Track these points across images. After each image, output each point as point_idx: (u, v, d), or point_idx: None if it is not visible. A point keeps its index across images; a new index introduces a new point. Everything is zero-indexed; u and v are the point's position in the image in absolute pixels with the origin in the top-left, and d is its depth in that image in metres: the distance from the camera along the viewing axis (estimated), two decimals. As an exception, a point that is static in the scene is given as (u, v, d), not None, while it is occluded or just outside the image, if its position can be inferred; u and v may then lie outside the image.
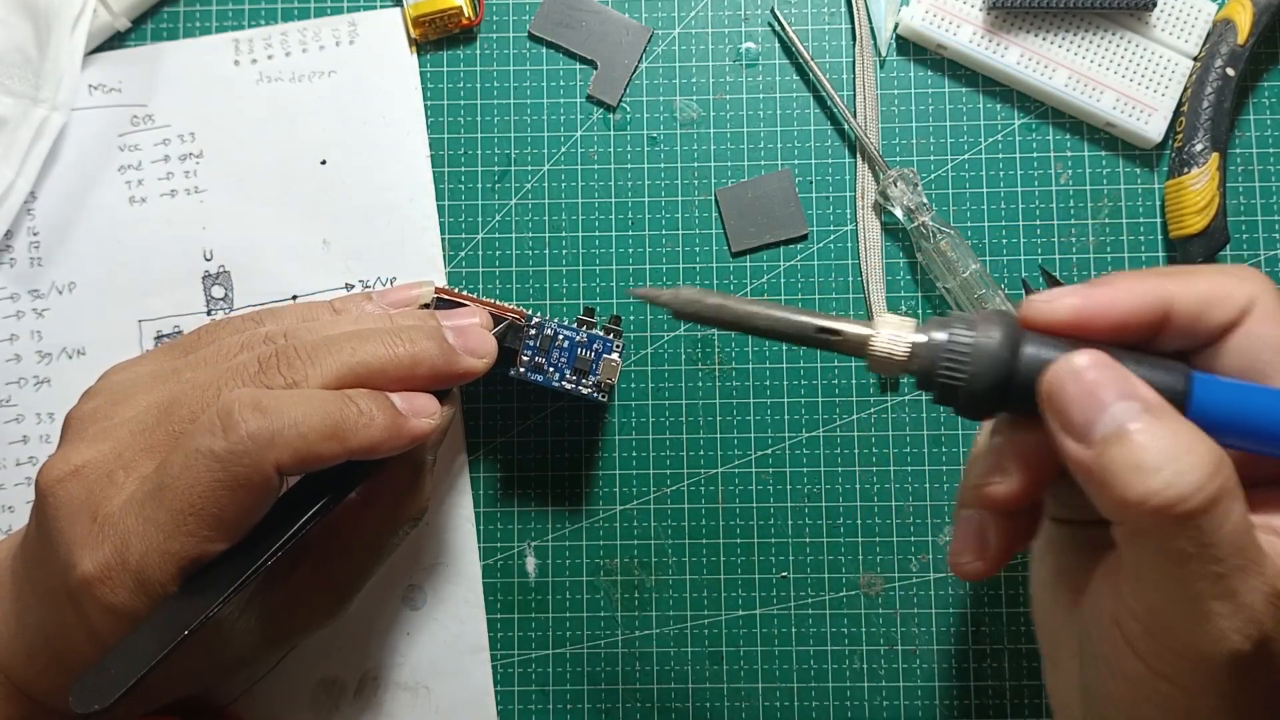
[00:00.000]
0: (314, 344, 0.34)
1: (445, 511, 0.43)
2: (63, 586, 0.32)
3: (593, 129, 0.44)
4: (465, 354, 0.36)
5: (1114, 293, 0.28)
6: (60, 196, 0.44)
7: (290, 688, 0.42)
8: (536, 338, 0.39)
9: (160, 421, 0.33)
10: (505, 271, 0.44)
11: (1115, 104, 0.43)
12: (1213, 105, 0.42)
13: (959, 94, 0.45)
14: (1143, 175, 0.44)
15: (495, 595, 0.43)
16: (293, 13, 0.45)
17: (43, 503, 0.33)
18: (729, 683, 0.43)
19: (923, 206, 0.42)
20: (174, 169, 0.44)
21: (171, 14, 0.45)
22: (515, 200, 0.44)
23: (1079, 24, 0.43)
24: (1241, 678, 0.25)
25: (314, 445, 0.31)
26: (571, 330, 0.39)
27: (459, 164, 0.44)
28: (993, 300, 0.42)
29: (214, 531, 0.31)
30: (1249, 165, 0.44)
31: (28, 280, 0.43)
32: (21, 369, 0.43)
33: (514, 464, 0.43)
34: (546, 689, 0.43)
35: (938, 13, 0.43)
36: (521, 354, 0.38)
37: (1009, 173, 0.44)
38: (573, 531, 0.43)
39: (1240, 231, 0.44)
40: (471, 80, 0.45)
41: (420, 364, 0.34)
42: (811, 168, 0.44)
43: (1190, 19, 0.43)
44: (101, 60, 0.44)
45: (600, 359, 0.39)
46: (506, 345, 0.38)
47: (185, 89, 0.44)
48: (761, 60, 0.45)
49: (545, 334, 0.38)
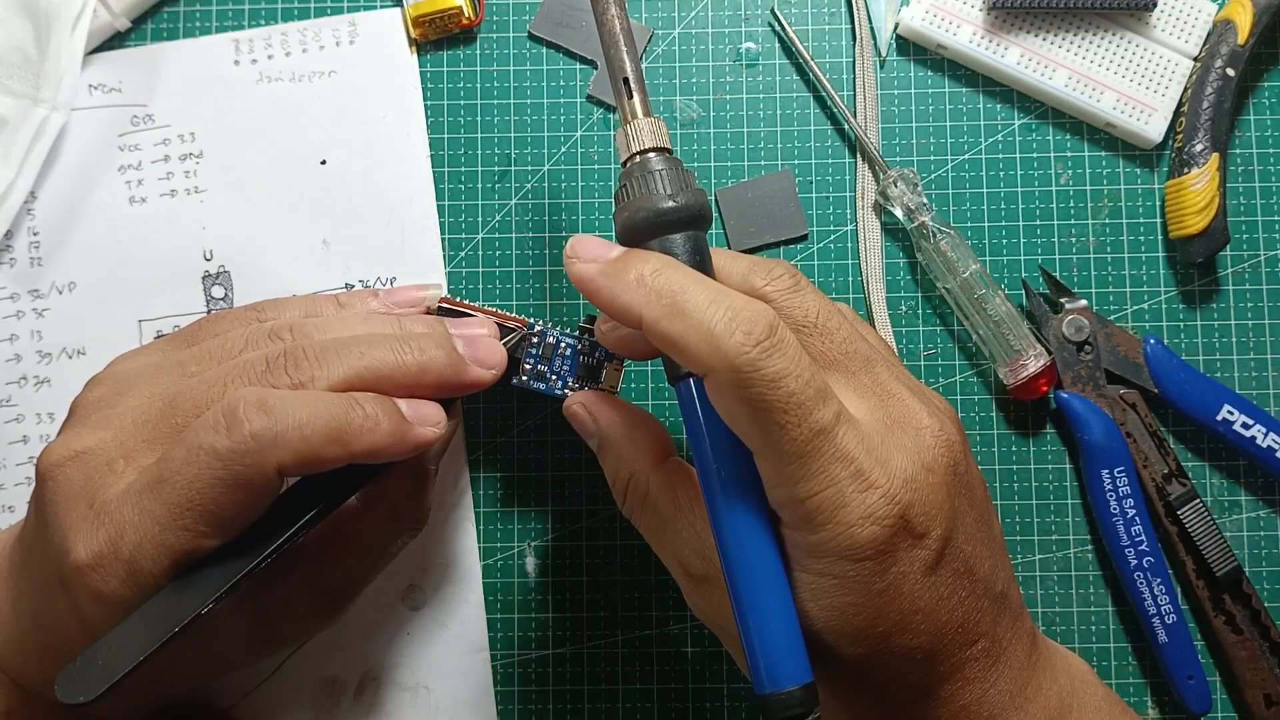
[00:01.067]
0: (322, 345, 0.34)
1: (445, 511, 0.43)
2: (56, 573, 0.32)
3: (593, 129, 0.44)
4: (474, 364, 0.36)
5: (610, 289, 0.31)
6: (60, 196, 0.44)
7: (290, 688, 0.42)
8: (539, 346, 0.38)
9: (164, 414, 0.33)
10: (505, 271, 0.44)
11: (1115, 104, 0.43)
12: (1213, 105, 0.42)
13: (959, 94, 0.45)
14: (1143, 175, 0.44)
15: (495, 595, 0.43)
16: (293, 13, 0.45)
17: (42, 486, 0.33)
18: (729, 683, 0.43)
19: (923, 206, 0.42)
20: (174, 169, 0.44)
21: (171, 14, 0.45)
22: (515, 200, 0.44)
23: (1079, 24, 0.43)
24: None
25: (317, 448, 0.31)
26: (573, 338, 0.38)
27: (459, 164, 0.44)
28: (993, 300, 0.42)
29: (210, 528, 0.31)
30: (1249, 165, 0.44)
31: (28, 280, 0.43)
32: (21, 369, 0.43)
33: (514, 464, 0.43)
34: (546, 689, 0.43)
35: (938, 13, 0.43)
36: (524, 362, 0.38)
37: (1009, 173, 0.44)
38: (573, 531, 0.43)
39: (1240, 231, 0.44)
40: (471, 80, 0.45)
41: (428, 372, 0.34)
42: (811, 168, 0.44)
43: (1190, 19, 0.43)
44: (101, 60, 0.44)
45: (603, 366, 0.39)
46: (510, 354, 0.38)
47: (185, 89, 0.44)
48: (761, 60, 0.45)
49: (548, 342, 0.38)
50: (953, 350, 0.44)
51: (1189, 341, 0.44)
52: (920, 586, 0.30)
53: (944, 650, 0.31)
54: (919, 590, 0.30)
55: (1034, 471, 0.43)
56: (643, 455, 0.34)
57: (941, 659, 0.31)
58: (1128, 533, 0.41)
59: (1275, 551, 0.43)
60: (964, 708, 0.31)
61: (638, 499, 0.34)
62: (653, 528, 0.34)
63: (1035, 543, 0.43)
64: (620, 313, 0.31)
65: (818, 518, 0.29)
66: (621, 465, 0.35)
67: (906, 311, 0.44)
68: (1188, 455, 0.43)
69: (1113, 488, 0.41)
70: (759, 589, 0.29)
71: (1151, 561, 0.41)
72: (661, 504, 0.33)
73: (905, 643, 0.30)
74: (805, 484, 0.28)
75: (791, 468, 0.28)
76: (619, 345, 0.35)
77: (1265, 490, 0.43)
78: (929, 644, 0.30)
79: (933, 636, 0.30)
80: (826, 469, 0.28)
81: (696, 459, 0.31)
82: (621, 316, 0.31)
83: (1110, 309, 0.44)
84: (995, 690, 0.32)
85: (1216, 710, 0.42)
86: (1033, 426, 0.43)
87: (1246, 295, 0.44)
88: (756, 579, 0.29)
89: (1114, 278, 0.44)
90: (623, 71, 0.33)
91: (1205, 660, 0.42)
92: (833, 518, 0.28)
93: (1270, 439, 0.42)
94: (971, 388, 0.44)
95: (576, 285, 0.32)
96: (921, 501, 0.29)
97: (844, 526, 0.28)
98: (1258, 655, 0.41)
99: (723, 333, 0.28)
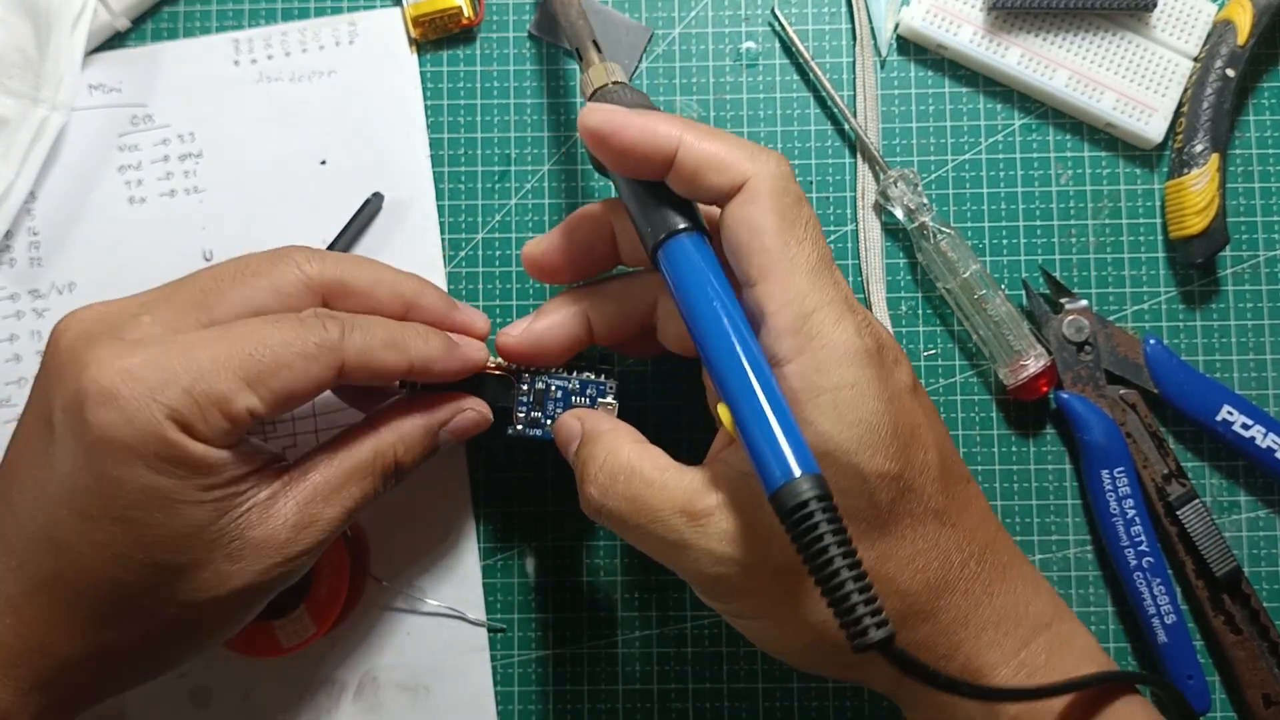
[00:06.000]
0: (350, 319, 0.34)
1: (445, 512, 0.43)
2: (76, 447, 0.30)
3: (593, 129, 0.44)
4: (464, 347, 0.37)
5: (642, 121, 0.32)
6: (60, 196, 0.44)
7: (290, 688, 0.42)
8: (529, 393, 0.38)
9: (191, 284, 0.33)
10: (505, 271, 0.44)
11: (1115, 104, 0.43)
12: (1213, 106, 0.42)
13: (959, 94, 0.45)
14: (1143, 175, 0.44)
15: (495, 595, 0.43)
16: (293, 13, 0.45)
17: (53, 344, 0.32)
18: (729, 683, 0.43)
19: (923, 207, 0.42)
20: (174, 169, 0.44)
21: (171, 14, 0.45)
22: (515, 200, 0.44)
23: (1079, 24, 0.43)
24: None
25: (377, 351, 0.33)
26: (563, 379, 0.38)
27: (459, 164, 0.44)
28: (993, 300, 0.42)
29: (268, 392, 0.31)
30: (1249, 165, 0.44)
31: (28, 280, 0.43)
32: (21, 369, 0.43)
33: (514, 464, 0.43)
34: (546, 689, 0.43)
35: (938, 13, 0.43)
36: (516, 411, 0.38)
37: (1009, 173, 0.44)
38: (573, 531, 0.43)
39: (1240, 232, 0.44)
40: (471, 80, 0.45)
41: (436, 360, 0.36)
42: (811, 168, 0.44)
43: (1190, 20, 0.43)
44: (101, 60, 0.44)
45: (595, 404, 0.39)
46: (500, 405, 0.38)
47: (185, 89, 0.44)
48: (761, 60, 0.45)
49: (537, 388, 0.38)
50: (953, 350, 0.44)
51: (1189, 341, 0.44)
52: (912, 403, 0.32)
53: (951, 472, 0.33)
54: (914, 406, 0.32)
55: (1034, 472, 0.43)
56: (624, 441, 0.35)
57: (952, 482, 0.33)
58: (1127, 533, 0.41)
59: (1275, 551, 0.43)
60: (988, 544, 0.33)
61: (616, 469, 0.33)
62: (636, 493, 0.33)
63: (1035, 543, 0.43)
64: (651, 143, 0.32)
65: (824, 329, 0.31)
66: (599, 448, 0.34)
67: (906, 311, 0.44)
68: (1187, 455, 0.43)
69: (1113, 488, 0.41)
70: (769, 394, 0.30)
71: (1151, 562, 0.41)
72: (647, 467, 0.33)
73: (922, 456, 0.32)
74: (814, 296, 0.31)
75: (804, 282, 0.31)
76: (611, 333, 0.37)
77: (1265, 490, 0.43)
78: (938, 460, 0.32)
79: (939, 452, 0.32)
80: (828, 289, 0.31)
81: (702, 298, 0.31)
82: (651, 149, 0.32)
83: (1110, 309, 0.44)
84: (1002, 536, 0.34)
85: (1216, 710, 0.42)
86: (1033, 427, 0.43)
87: (1246, 295, 0.44)
88: (766, 387, 0.30)
89: (1114, 278, 0.44)
90: (590, 36, 0.38)
91: (1205, 660, 0.42)
92: (837, 327, 0.31)
93: (1270, 439, 0.42)
94: (971, 388, 0.44)
95: (596, 131, 0.33)
96: (888, 335, 0.33)
97: (848, 334, 0.31)
98: (1257, 655, 0.41)
99: (758, 150, 0.32)
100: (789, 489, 0.27)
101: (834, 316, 0.31)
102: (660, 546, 0.33)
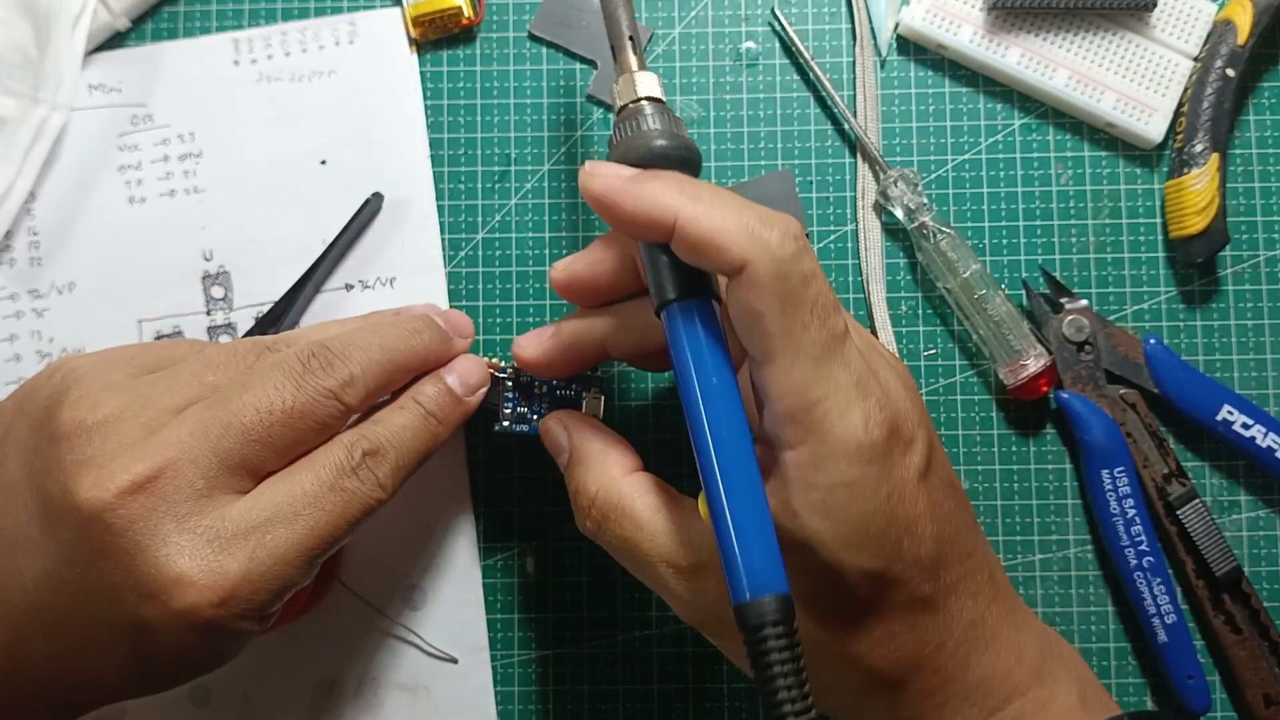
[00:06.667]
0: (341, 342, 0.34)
1: (445, 511, 0.43)
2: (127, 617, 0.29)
3: (593, 129, 0.44)
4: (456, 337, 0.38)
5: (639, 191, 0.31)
6: (60, 196, 0.44)
7: (290, 688, 0.42)
8: (515, 389, 0.38)
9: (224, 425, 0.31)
10: (505, 271, 0.44)
11: (1115, 104, 0.43)
12: (1213, 106, 0.42)
13: (959, 94, 0.45)
14: (1143, 175, 0.44)
15: (495, 595, 0.43)
16: (293, 13, 0.45)
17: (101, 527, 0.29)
18: (729, 683, 0.43)
19: (923, 207, 0.42)
20: (173, 169, 0.44)
21: (171, 14, 0.45)
22: (515, 200, 0.44)
23: (1079, 24, 0.43)
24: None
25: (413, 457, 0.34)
26: None
27: (459, 164, 0.44)
28: (993, 300, 0.42)
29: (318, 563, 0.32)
30: (1249, 165, 0.44)
31: (28, 280, 0.43)
32: (21, 369, 0.43)
33: (514, 464, 0.43)
34: (546, 689, 0.43)
35: (938, 13, 0.43)
36: (503, 407, 0.38)
37: (1009, 173, 0.44)
38: (573, 531, 0.43)
39: (1240, 232, 0.44)
40: (471, 80, 0.45)
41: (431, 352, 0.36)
42: (811, 168, 0.44)
43: (1190, 19, 0.43)
44: (101, 60, 0.44)
45: (582, 398, 0.38)
46: (487, 402, 0.38)
47: (185, 89, 0.44)
48: (761, 60, 0.45)
49: (522, 382, 0.38)
50: (953, 350, 0.44)
51: (1189, 341, 0.44)
52: (918, 491, 0.31)
53: (947, 557, 0.32)
54: (918, 495, 0.31)
55: (1034, 471, 0.43)
56: (614, 467, 0.34)
57: (946, 567, 0.32)
58: (1128, 533, 0.41)
59: (1275, 551, 0.43)
60: (972, 623, 0.32)
61: (609, 507, 0.34)
62: (627, 535, 0.33)
63: (1035, 543, 0.43)
64: (650, 217, 0.31)
65: (827, 422, 0.29)
66: (590, 476, 0.34)
67: (906, 311, 0.44)
68: (1188, 455, 0.43)
69: (1113, 488, 0.41)
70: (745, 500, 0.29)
71: (1151, 561, 0.41)
72: (638, 508, 0.33)
73: (914, 549, 0.31)
74: (818, 387, 0.29)
75: (807, 371, 0.29)
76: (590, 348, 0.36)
77: (1265, 490, 0.43)
78: (933, 550, 0.31)
79: (936, 541, 0.31)
80: (836, 375, 0.30)
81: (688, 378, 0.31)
82: (650, 222, 0.31)
83: (1110, 309, 0.44)
84: (996, 607, 0.33)
85: (1216, 710, 0.42)
86: (1033, 426, 0.43)
87: (1246, 295, 0.44)
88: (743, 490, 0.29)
89: (1114, 278, 0.44)
90: (630, 30, 0.36)
91: (1205, 660, 0.42)
92: (841, 421, 0.29)
93: (1270, 439, 0.42)
94: (971, 388, 0.44)
95: (597, 199, 0.32)
96: (905, 411, 0.31)
97: (852, 429, 0.29)
98: (1257, 655, 0.41)
99: (761, 227, 0.29)
100: (752, 607, 0.28)
101: (841, 406, 0.29)
102: (649, 583, 0.34)
